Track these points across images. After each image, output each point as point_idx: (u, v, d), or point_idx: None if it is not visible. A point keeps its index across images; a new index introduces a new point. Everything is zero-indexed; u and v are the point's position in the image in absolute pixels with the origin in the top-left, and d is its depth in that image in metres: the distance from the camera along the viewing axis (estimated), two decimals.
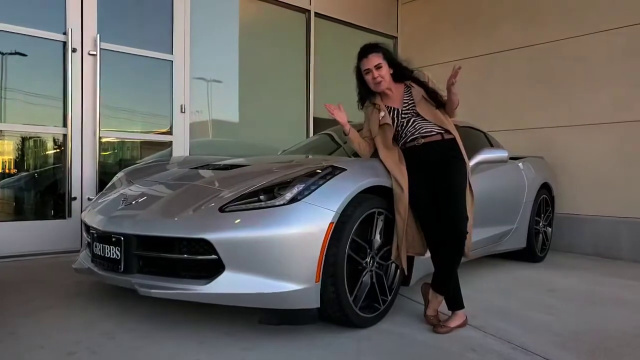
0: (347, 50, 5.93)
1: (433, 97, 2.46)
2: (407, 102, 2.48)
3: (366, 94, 2.58)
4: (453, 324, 2.31)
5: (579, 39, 4.84)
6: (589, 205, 4.75)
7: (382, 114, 2.49)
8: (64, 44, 3.90)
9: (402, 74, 2.52)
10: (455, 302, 2.38)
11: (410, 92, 2.49)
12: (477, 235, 2.90)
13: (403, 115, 2.47)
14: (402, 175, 2.36)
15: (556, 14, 5.01)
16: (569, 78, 4.91)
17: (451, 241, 2.27)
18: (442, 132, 2.43)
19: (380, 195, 2.36)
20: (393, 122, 2.48)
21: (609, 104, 4.63)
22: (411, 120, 2.45)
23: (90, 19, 4.01)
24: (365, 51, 2.48)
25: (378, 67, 2.44)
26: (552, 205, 4.43)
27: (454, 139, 2.44)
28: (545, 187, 4.29)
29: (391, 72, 2.49)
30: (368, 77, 2.48)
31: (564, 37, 4.94)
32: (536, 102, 5.15)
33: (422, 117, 2.44)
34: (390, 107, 2.50)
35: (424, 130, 2.43)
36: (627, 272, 3.91)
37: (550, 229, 4.41)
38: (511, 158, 3.80)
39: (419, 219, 2.40)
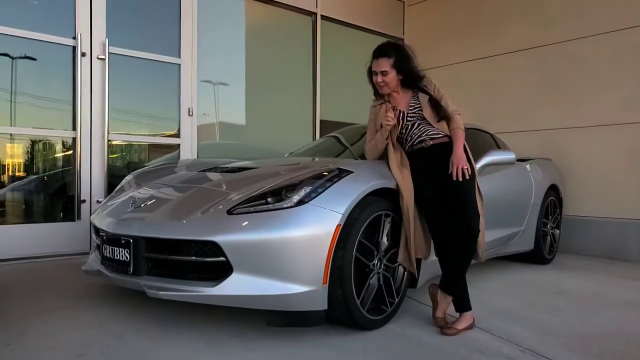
0: (353, 52, 6.00)
1: (437, 110, 2.44)
2: (413, 106, 2.49)
3: (375, 90, 2.60)
4: (460, 326, 2.31)
5: (586, 39, 4.81)
6: (597, 207, 4.72)
7: (389, 113, 2.50)
8: (74, 48, 3.95)
9: (411, 82, 2.51)
10: (463, 304, 2.37)
11: (418, 97, 2.50)
12: (485, 237, 2.89)
13: (408, 118, 2.48)
14: (403, 179, 2.37)
15: (563, 15, 4.99)
16: (576, 79, 4.88)
17: (464, 240, 2.28)
18: (449, 135, 2.45)
19: (387, 197, 2.36)
20: (398, 124, 2.49)
21: (617, 105, 4.60)
22: (416, 124, 2.47)
23: (99, 24, 4.06)
24: (378, 53, 2.47)
25: (384, 73, 2.44)
26: (559, 207, 4.41)
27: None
28: (553, 189, 4.27)
29: (400, 77, 2.48)
30: (374, 78, 2.50)
31: (571, 37, 4.92)
32: (544, 104, 5.13)
33: (427, 121, 2.45)
34: (396, 109, 2.51)
35: (431, 133, 2.44)
36: (636, 274, 3.87)
37: (558, 231, 4.38)
38: (518, 160, 3.79)
39: (427, 221, 2.41)
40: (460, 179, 2.30)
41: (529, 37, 5.24)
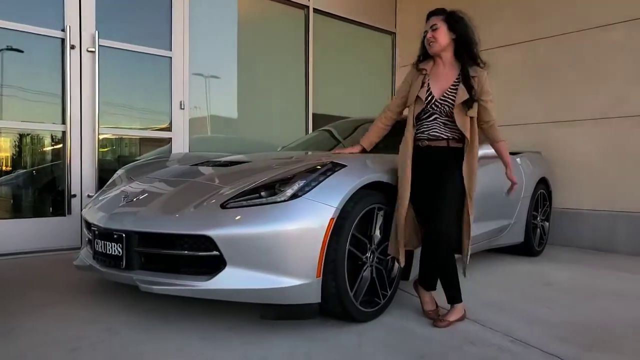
0: (345, 46, 5.99)
1: (469, 105, 2.31)
2: (446, 97, 2.34)
3: (423, 56, 2.49)
4: (452, 317, 2.33)
5: (576, 34, 4.85)
6: (586, 200, 4.78)
7: (424, 87, 2.38)
8: (63, 40, 3.89)
9: (465, 51, 2.39)
10: (454, 296, 2.40)
11: (457, 88, 2.34)
12: (475, 230, 2.91)
13: (433, 106, 2.36)
14: (404, 173, 2.34)
15: (553, 9, 5.01)
16: (566, 73, 4.92)
17: (435, 239, 2.28)
18: (451, 138, 2.37)
19: (380, 190, 2.37)
20: (422, 102, 2.37)
21: (606, 99, 4.65)
22: (433, 116, 2.38)
23: (88, 16, 4.01)
24: (429, 14, 2.47)
25: (434, 27, 2.39)
26: (549, 200, 4.46)
27: (460, 149, 2.36)
28: (543, 182, 4.31)
29: (453, 37, 2.39)
30: (426, 37, 2.42)
31: (561, 32, 4.95)
32: (534, 97, 5.17)
33: (446, 118, 2.35)
34: (430, 91, 2.38)
35: (433, 133, 2.38)
36: (624, 265, 3.94)
37: (547, 224, 4.44)
38: (509, 153, 3.81)
39: (417, 213, 2.41)
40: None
41: (520, 31, 5.27)
